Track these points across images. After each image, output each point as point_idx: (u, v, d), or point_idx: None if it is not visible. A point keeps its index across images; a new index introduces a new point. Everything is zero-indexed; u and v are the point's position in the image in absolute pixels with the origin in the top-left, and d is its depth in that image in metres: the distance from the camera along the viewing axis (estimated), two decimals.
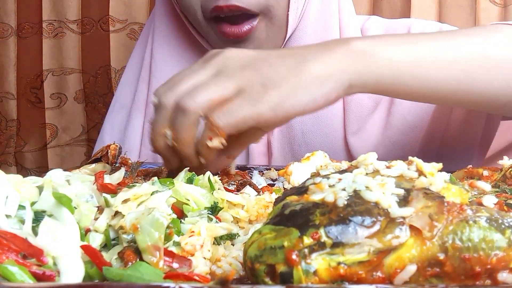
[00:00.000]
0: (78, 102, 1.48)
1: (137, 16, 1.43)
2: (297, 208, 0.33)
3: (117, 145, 0.63)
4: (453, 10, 1.36)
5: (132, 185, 0.47)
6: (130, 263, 0.37)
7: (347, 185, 0.34)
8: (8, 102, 1.47)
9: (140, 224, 0.38)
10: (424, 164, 0.36)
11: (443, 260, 0.31)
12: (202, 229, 0.42)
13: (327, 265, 0.30)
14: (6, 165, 1.50)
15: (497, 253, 0.31)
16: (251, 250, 0.32)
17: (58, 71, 1.46)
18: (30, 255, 0.35)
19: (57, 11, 1.43)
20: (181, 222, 0.44)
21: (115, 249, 0.40)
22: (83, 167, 0.61)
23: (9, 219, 0.39)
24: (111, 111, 0.95)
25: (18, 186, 0.41)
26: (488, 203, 0.34)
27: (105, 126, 0.94)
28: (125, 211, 0.41)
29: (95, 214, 0.43)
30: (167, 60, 0.88)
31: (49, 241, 0.37)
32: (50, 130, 1.49)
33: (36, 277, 0.33)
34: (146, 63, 0.90)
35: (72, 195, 0.42)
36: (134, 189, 0.44)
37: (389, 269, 0.31)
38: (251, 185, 0.61)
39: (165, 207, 0.44)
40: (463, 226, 0.31)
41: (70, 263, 0.36)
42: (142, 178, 0.60)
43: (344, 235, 0.31)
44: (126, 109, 0.92)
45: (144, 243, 0.37)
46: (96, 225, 0.41)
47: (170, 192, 0.46)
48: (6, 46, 1.44)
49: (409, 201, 0.32)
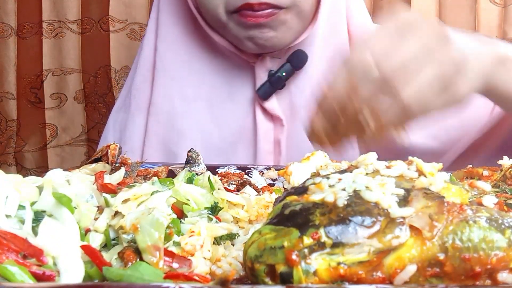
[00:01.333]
0: (78, 102, 1.48)
1: (137, 16, 1.42)
2: (297, 208, 0.33)
3: (117, 145, 0.63)
4: (453, 10, 1.36)
5: (132, 185, 0.47)
6: (130, 263, 0.37)
7: (347, 185, 0.34)
8: (8, 102, 1.47)
9: (140, 224, 0.38)
10: (424, 164, 0.36)
11: (443, 260, 0.31)
12: (202, 229, 0.42)
13: (327, 265, 0.30)
14: (6, 165, 1.50)
15: (497, 253, 0.31)
16: (251, 250, 0.32)
17: (58, 71, 1.46)
18: (30, 255, 0.35)
19: (57, 11, 1.43)
20: (181, 222, 0.44)
21: (115, 249, 0.40)
22: (83, 167, 0.61)
23: (9, 219, 0.39)
24: (115, 110, 0.95)
25: (18, 186, 0.41)
26: (488, 203, 0.34)
27: (109, 126, 0.94)
28: (125, 211, 0.41)
29: (95, 214, 0.43)
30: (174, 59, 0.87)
31: (49, 241, 0.37)
32: (50, 130, 1.48)
33: (36, 277, 0.33)
34: (148, 62, 0.90)
35: (72, 195, 0.42)
36: (134, 189, 0.44)
37: (389, 269, 0.31)
38: (251, 185, 0.61)
39: (165, 207, 0.44)
40: (463, 226, 0.31)
41: (70, 263, 0.36)
42: (142, 178, 0.60)
43: (344, 235, 0.31)
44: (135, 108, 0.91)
45: (144, 243, 0.37)
46: (96, 225, 0.41)
47: (170, 192, 0.46)
48: (6, 46, 1.44)
49: (409, 201, 0.32)
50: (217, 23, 0.81)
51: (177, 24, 0.87)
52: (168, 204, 0.45)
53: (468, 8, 1.35)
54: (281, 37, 0.78)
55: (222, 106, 0.86)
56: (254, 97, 0.85)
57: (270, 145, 0.84)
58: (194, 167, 0.64)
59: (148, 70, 0.90)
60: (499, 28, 1.37)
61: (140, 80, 0.90)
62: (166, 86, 0.87)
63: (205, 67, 0.86)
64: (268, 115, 0.84)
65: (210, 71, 0.86)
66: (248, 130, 0.85)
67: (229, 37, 0.82)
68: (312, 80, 0.84)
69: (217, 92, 0.86)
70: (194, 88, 0.86)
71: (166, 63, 0.88)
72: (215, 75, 0.86)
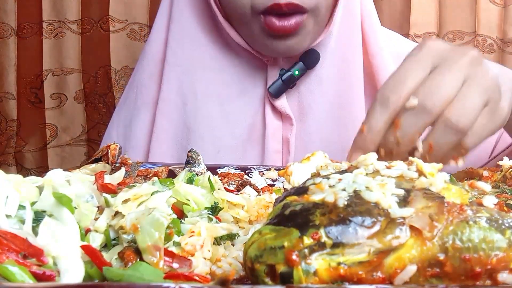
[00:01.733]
0: (78, 102, 1.48)
1: (137, 16, 1.43)
2: (297, 208, 0.33)
3: (117, 145, 0.63)
4: (453, 10, 1.36)
5: (132, 185, 0.47)
6: (130, 263, 0.37)
7: (347, 185, 0.34)
8: (8, 102, 1.47)
9: (141, 224, 0.38)
10: (424, 164, 0.36)
11: (443, 260, 0.31)
12: (202, 229, 0.42)
13: (327, 265, 0.30)
14: (6, 165, 1.50)
15: (497, 254, 0.31)
16: (251, 250, 0.32)
17: (58, 71, 1.46)
18: (30, 255, 0.35)
19: (57, 11, 1.43)
20: (181, 222, 0.44)
21: (115, 249, 0.40)
22: (83, 167, 0.61)
23: (9, 219, 0.39)
24: (120, 107, 0.94)
25: (18, 186, 0.41)
26: (488, 204, 0.34)
27: (113, 122, 0.94)
28: (125, 211, 0.41)
29: (95, 214, 0.43)
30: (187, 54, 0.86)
31: (49, 241, 0.37)
32: (50, 130, 1.49)
33: (36, 277, 0.33)
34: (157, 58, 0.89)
35: (72, 195, 0.42)
36: (134, 189, 0.44)
37: (389, 269, 0.31)
38: (251, 185, 0.61)
39: (165, 207, 0.44)
40: (463, 227, 0.31)
41: (70, 263, 0.36)
42: (142, 178, 0.60)
43: (344, 235, 0.31)
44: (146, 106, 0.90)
45: (144, 243, 0.37)
46: (96, 225, 0.41)
47: (170, 192, 0.46)
48: (6, 46, 1.44)
49: (409, 202, 0.32)
50: (239, 21, 0.80)
51: (192, 20, 0.86)
52: (169, 204, 0.45)
53: (468, 8, 1.35)
54: (301, 43, 0.79)
55: (233, 103, 0.86)
56: (264, 95, 0.85)
57: (279, 144, 0.84)
58: (194, 167, 0.64)
59: (156, 65, 0.89)
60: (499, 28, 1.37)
61: (147, 75, 0.90)
62: (177, 81, 0.87)
63: (217, 64, 0.86)
64: (278, 113, 0.84)
65: (222, 68, 0.86)
66: (258, 128, 0.85)
67: (247, 36, 0.81)
68: (322, 81, 0.84)
69: (229, 89, 0.86)
70: (205, 84, 0.86)
71: (178, 58, 0.87)
72: (227, 72, 0.86)
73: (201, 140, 0.84)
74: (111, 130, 0.93)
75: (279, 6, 0.73)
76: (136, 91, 0.91)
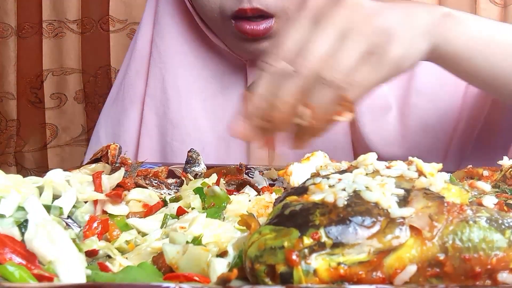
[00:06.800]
0: (78, 102, 1.48)
1: (137, 16, 1.42)
2: (297, 209, 0.33)
3: (117, 145, 0.63)
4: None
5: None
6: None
7: (347, 185, 0.34)
8: (8, 102, 1.47)
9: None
10: (424, 164, 0.36)
11: (443, 260, 0.31)
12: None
13: (327, 265, 0.30)
14: (6, 165, 1.50)
15: (497, 254, 0.31)
16: (251, 250, 0.32)
17: (58, 71, 1.46)
18: (25, 259, 0.35)
19: (57, 11, 1.43)
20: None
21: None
22: (83, 167, 0.60)
23: (6, 219, 0.38)
24: (107, 105, 0.95)
25: (18, 186, 0.41)
26: (488, 203, 0.34)
27: (100, 121, 0.94)
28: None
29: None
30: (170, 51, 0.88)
31: (47, 243, 0.36)
32: (50, 130, 1.49)
33: (37, 277, 0.33)
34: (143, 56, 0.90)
35: (72, 196, 0.42)
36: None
37: (389, 269, 0.30)
38: (251, 185, 0.61)
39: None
40: (463, 227, 0.31)
41: (69, 264, 0.35)
42: (142, 178, 0.60)
43: (344, 235, 0.31)
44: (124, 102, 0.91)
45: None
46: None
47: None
48: (6, 46, 1.44)
49: (409, 201, 0.32)
50: (213, 25, 0.81)
51: (175, 17, 0.88)
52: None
53: (468, 8, 1.35)
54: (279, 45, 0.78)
55: (215, 101, 0.87)
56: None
57: None
58: (194, 167, 0.64)
59: (142, 63, 0.90)
60: None
61: (133, 73, 0.91)
62: (161, 78, 0.88)
63: (199, 61, 0.87)
64: None
65: (204, 66, 0.87)
66: None
67: (223, 38, 0.82)
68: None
69: (210, 87, 0.87)
70: (187, 81, 0.87)
71: (162, 55, 0.88)
72: (209, 69, 0.87)
73: (187, 136, 0.85)
74: (99, 130, 0.93)
75: (244, 11, 0.73)
76: (123, 89, 0.92)
